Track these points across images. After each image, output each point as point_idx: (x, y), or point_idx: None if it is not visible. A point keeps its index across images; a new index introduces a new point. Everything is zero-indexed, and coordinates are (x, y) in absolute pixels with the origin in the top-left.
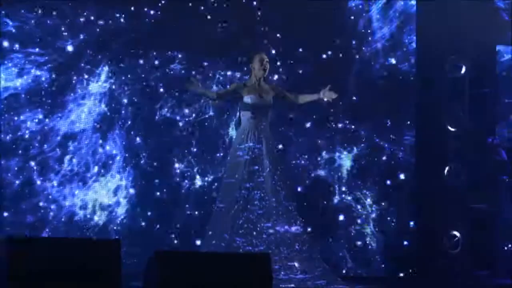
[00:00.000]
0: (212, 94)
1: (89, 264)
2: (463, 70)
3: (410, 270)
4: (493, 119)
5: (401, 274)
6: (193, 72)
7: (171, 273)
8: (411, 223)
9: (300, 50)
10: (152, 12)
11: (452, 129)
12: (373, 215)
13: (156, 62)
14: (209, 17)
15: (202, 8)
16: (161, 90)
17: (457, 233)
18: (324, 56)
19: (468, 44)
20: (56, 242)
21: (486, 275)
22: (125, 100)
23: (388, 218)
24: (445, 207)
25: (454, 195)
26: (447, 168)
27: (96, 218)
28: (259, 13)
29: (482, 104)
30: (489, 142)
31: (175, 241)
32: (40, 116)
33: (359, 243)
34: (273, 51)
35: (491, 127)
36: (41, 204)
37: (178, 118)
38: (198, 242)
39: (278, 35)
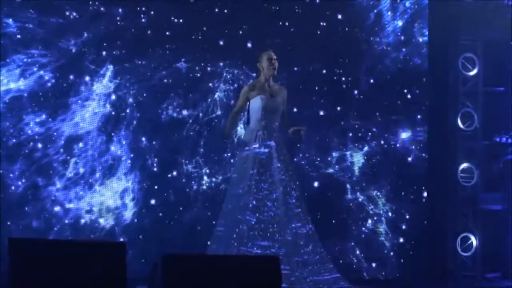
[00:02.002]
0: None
1: (93, 268)
2: (476, 68)
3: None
4: (506, 118)
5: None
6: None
7: (177, 277)
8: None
9: (309, 47)
10: (157, 9)
11: (465, 128)
12: (385, 216)
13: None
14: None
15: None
16: (167, 89)
17: (470, 235)
18: (333, 53)
19: (482, 42)
20: (59, 245)
21: (498, 277)
22: (131, 100)
23: (400, 219)
24: (457, 208)
25: (466, 195)
26: (460, 168)
27: (102, 221)
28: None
29: (496, 103)
30: (503, 142)
31: (183, 244)
32: (44, 117)
33: (368, 245)
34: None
35: (505, 126)
36: (46, 208)
37: (185, 118)
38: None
39: (285, 30)
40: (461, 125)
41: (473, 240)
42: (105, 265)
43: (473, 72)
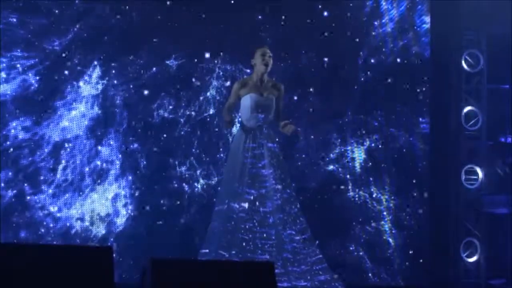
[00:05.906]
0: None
1: (80, 272)
2: (480, 65)
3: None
4: (510, 117)
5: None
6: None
7: (167, 282)
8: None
9: (305, 37)
10: (144, 6)
11: (469, 128)
12: (387, 219)
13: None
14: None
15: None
16: (158, 89)
17: (473, 240)
18: (330, 43)
19: (486, 38)
20: (45, 249)
21: (503, 284)
22: (120, 102)
23: (401, 224)
24: (461, 212)
25: (470, 198)
26: (463, 170)
27: (93, 228)
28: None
29: (500, 101)
30: (508, 142)
31: (177, 249)
32: (29, 123)
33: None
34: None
35: (510, 126)
36: (35, 217)
37: (176, 117)
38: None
39: (282, 23)
40: (464, 125)
41: (477, 245)
42: (92, 270)
43: (477, 69)
